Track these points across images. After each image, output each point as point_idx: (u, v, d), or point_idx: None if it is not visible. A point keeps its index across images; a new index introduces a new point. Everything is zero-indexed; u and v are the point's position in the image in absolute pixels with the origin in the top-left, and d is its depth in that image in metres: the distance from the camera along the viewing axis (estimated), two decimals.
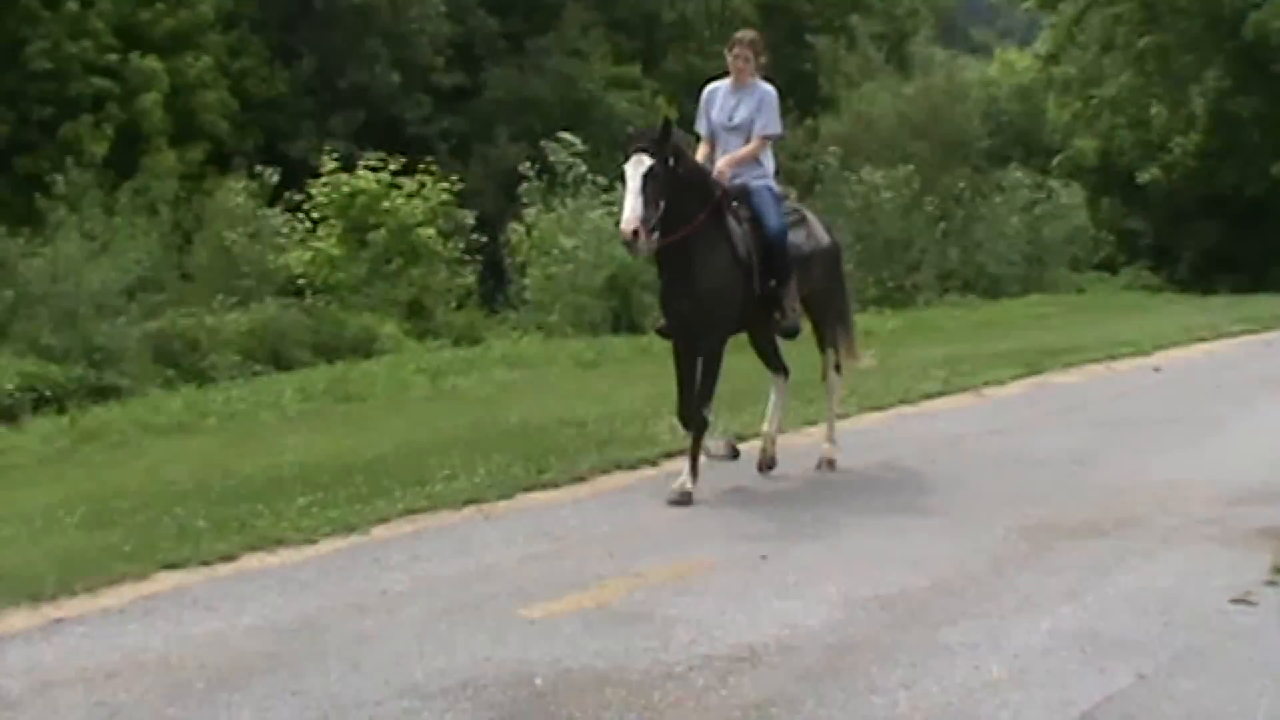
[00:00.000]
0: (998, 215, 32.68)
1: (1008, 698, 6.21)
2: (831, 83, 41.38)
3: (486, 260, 28.53)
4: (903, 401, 14.57)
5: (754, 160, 10.80)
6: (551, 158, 26.96)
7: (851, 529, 9.42)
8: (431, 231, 26.51)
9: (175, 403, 17.28)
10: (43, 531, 9.74)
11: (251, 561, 8.74)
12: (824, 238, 11.49)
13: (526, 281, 26.52)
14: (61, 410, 17.70)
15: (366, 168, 27.04)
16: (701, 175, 10.46)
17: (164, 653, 7.00)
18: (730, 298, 10.32)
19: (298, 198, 28.38)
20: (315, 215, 27.97)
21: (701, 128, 10.99)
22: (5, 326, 21.88)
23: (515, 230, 27.17)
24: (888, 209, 30.54)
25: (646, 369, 18.46)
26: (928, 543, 8.95)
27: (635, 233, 9.68)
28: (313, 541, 9.06)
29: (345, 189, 27.13)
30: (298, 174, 30.00)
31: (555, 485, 10.83)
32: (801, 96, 38.78)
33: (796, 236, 10.97)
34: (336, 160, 27.78)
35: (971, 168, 35.08)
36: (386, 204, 26.58)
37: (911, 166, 31.57)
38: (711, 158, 10.81)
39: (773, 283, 10.54)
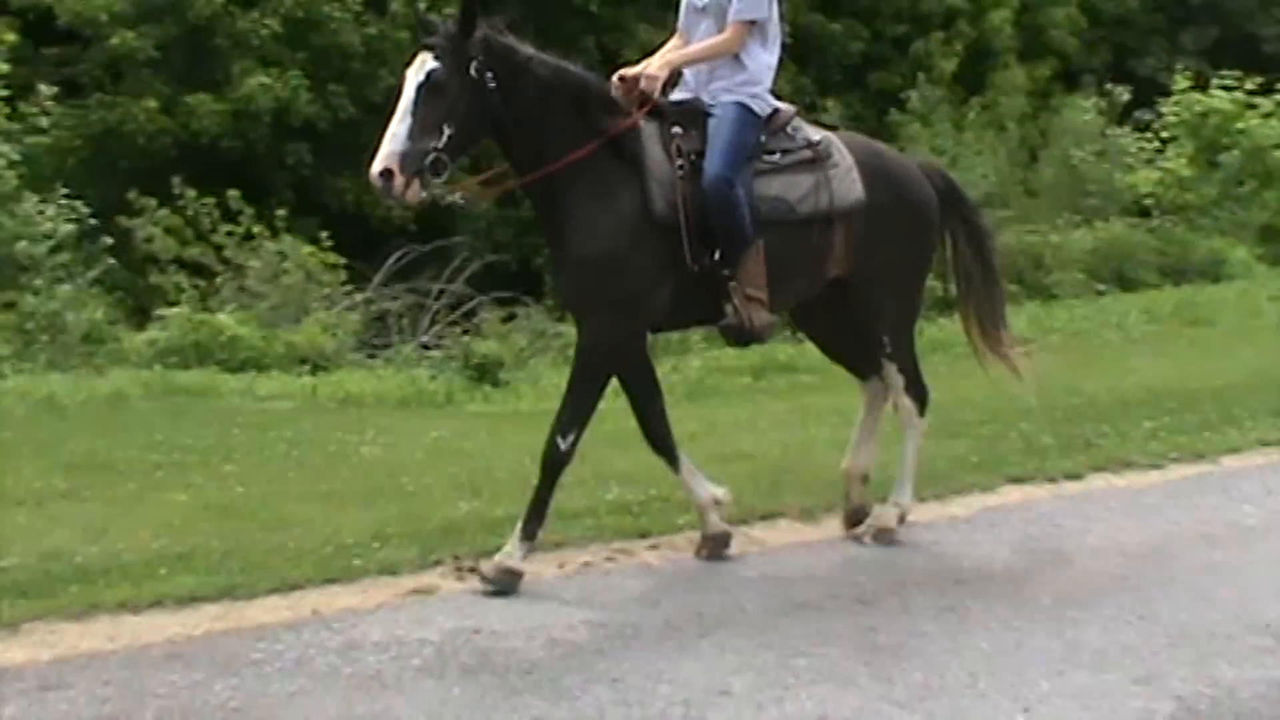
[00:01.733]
0: None
1: None
2: None
3: None
4: None
5: (731, 61, 7.09)
6: None
7: None
8: None
9: (1019, 318, 17.35)
10: None
11: (1097, 481, 8.77)
12: (854, 191, 7.22)
13: None
14: None
15: (1220, 87, 26.13)
16: (575, 90, 6.84)
17: (1009, 564, 7.14)
18: (625, 271, 6.72)
19: (1147, 117, 27.89)
20: (1165, 135, 27.39)
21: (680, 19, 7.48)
22: None
23: None
24: None
25: None
26: None
27: (386, 174, 6.26)
28: (1159, 466, 8.99)
29: (1197, 108, 26.37)
30: (1146, 92, 29.46)
31: None
32: None
33: (789, 187, 7.08)
34: (1188, 78, 27.05)
35: None
36: (1240, 124, 25.60)
37: None
38: None
39: (715, 256, 6.84)
